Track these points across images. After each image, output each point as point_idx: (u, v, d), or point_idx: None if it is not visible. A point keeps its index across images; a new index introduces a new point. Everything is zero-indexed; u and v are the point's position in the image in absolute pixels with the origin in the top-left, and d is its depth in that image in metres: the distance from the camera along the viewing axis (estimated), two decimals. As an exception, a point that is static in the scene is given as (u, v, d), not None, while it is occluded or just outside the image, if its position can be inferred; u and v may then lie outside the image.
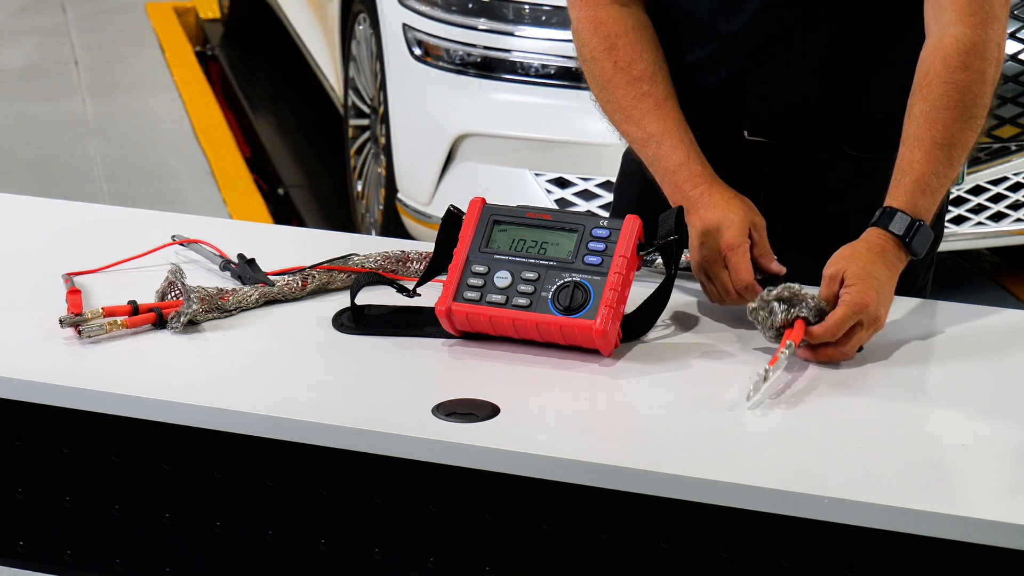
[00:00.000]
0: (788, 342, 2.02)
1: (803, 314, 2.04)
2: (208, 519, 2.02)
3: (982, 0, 2.19)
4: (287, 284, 2.22)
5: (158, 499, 2.03)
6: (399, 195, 4.68)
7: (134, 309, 2.13)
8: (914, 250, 2.12)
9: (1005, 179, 4.54)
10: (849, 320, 2.03)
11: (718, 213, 2.17)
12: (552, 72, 4.34)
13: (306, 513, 1.98)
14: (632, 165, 2.46)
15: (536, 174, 4.39)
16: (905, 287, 2.36)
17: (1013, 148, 4.51)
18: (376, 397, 1.98)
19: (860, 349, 2.07)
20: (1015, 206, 4.55)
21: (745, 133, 2.36)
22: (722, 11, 2.31)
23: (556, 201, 4.35)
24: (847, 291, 2.05)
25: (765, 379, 1.97)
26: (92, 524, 2.07)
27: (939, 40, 2.19)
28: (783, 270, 2.18)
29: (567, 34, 4.33)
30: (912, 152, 2.15)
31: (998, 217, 4.55)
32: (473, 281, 2.09)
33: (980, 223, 4.53)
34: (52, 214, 2.57)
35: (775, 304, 2.05)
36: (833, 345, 2.04)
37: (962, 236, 4.55)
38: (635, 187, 2.44)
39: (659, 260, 2.17)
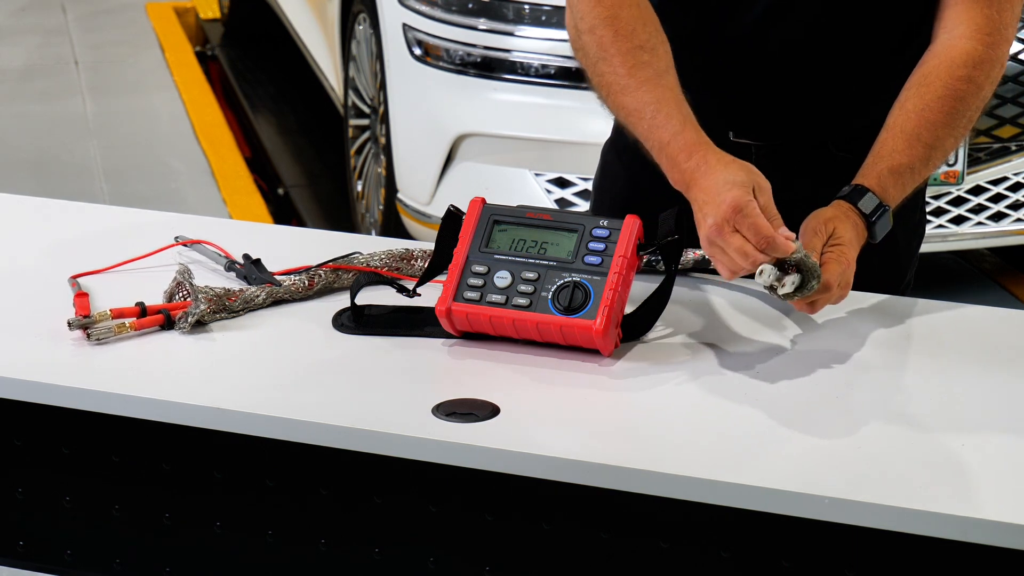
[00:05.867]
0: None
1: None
2: (208, 519, 2.02)
3: (997, 21, 2.20)
4: (293, 284, 2.22)
5: (158, 499, 2.03)
6: (399, 195, 4.69)
7: (142, 311, 2.13)
8: (873, 233, 2.13)
9: (1005, 179, 4.55)
10: (845, 274, 2.06)
11: (717, 177, 2.06)
12: (552, 72, 4.34)
13: (306, 513, 1.98)
14: (613, 166, 2.45)
15: (536, 174, 4.39)
16: (894, 284, 2.37)
17: (1013, 148, 4.52)
18: (376, 397, 1.98)
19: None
20: (1015, 206, 4.55)
21: (730, 135, 2.35)
22: (722, 18, 2.30)
23: (556, 201, 4.36)
24: (839, 249, 2.07)
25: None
26: (92, 524, 2.07)
27: (947, 48, 2.20)
28: (792, 236, 2.08)
29: (567, 34, 4.33)
30: (896, 141, 2.16)
31: (998, 217, 4.55)
32: (473, 281, 2.09)
33: (980, 223, 4.54)
34: (52, 214, 2.57)
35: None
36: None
37: (962, 236, 4.55)
38: (617, 187, 2.43)
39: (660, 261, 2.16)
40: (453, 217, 2.16)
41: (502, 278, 2.09)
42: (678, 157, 2.10)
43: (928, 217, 4.37)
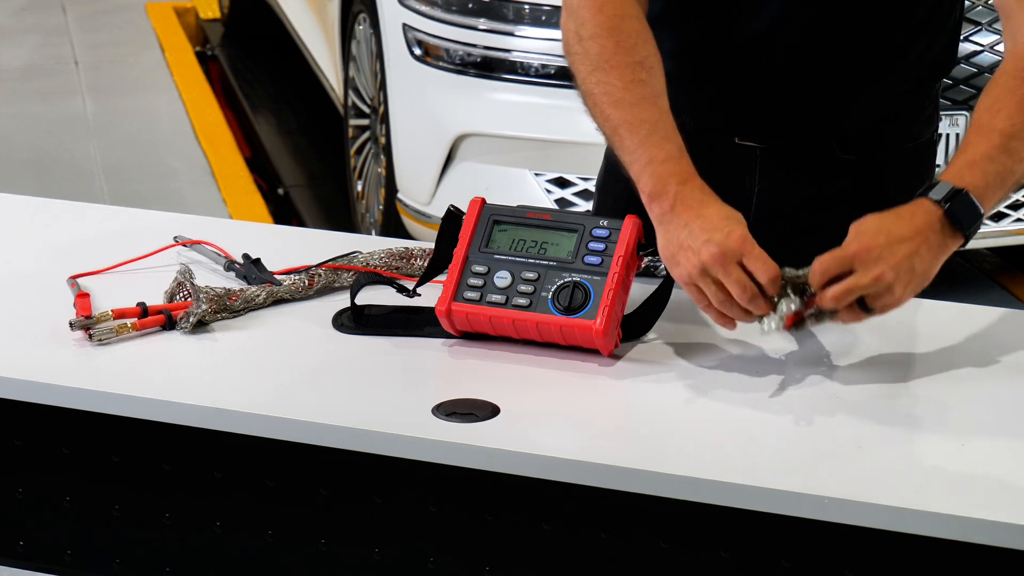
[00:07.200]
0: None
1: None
2: (208, 519, 2.02)
3: None
4: (293, 283, 2.22)
5: (158, 499, 2.03)
6: (399, 195, 4.68)
7: (143, 311, 2.13)
8: (955, 219, 2.01)
9: (1005, 179, 4.54)
10: (834, 262, 1.97)
11: (721, 209, 2.04)
12: (552, 72, 4.34)
13: (306, 513, 1.98)
14: (616, 166, 2.44)
15: (536, 174, 4.39)
16: None
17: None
18: (376, 397, 1.98)
19: (868, 310, 1.99)
20: (1015, 206, 4.55)
21: (735, 138, 2.35)
22: (729, 24, 2.29)
23: (556, 201, 4.36)
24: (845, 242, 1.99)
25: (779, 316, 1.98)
26: (92, 524, 2.07)
27: (1012, 50, 2.14)
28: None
29: (563, 37, 4.30)
30: (968, 137, 2.07)
31: (998, 217, 4.55)
32: (473, 281, 2.09)
33: (980, 223, 4.53)
34: (53, 214, 2.57)
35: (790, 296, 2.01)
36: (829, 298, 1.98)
37: (962, 236, 4.54)
38: (620, 187, 2.43)
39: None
40: (453, 217, 2.16)
41: (502, 278, 2.09)
42: (670, 178, 2.06)
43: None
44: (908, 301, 2.01)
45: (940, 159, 3.94)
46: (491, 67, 4.41)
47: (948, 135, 4.36)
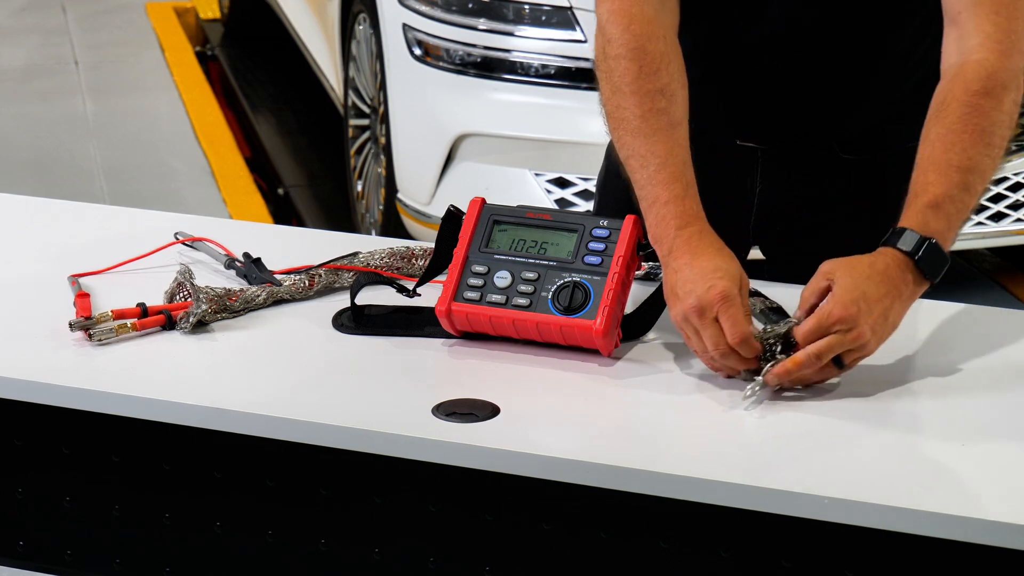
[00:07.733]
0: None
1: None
2: (208, 519, 2.02)
3: (1009, 30, 2.10)
4: (293, 284, 2.22)
5: (158, 499, 2.03)
6: (399, 195, 4.69)
7: (143, 311, 2.13)
8: (925, 269, 2.02)
9: (1005, 179, 4.54)
10: (817, 331, 1.96)
11: (711, 260, 2.01)
12: (552, 72, 4.34)
13: (306, 513, 1.98)
14: (617, 165, 2.44)
15: (536, 174, 4.39)
16: None
17: (1013, 148, 4.51)
18: (376, 397, 1.98)
19: (841, 366, 1.98)
20: (1015, 206, 4.55)
21: (736, 140, 2.34)
22: (733, 28, 2.28)
23: (556, 201, 4.36)
24: (825, 301, 1.97)
25: (762, 379, 1.97)
26: (92, 524, 2.07)
27: (960, 68, 2.10)
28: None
29: (567, 34, 4.30)
30: (926, 175, 2.05)
31: (998, 217, 4.55)
32: (473, 281, 2.09)
33: (980, 223, 4.53)
34: (53, 214, 2.57)
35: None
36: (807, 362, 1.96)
37: (962, 236, 4.53)
38: (621, 187, 2.43)
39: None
40: (453, 217, 2.16)
41: (502, 278, 2.09)
42: (670, 221, 2.05)
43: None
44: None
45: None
46: (491, 67, 4.41)
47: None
